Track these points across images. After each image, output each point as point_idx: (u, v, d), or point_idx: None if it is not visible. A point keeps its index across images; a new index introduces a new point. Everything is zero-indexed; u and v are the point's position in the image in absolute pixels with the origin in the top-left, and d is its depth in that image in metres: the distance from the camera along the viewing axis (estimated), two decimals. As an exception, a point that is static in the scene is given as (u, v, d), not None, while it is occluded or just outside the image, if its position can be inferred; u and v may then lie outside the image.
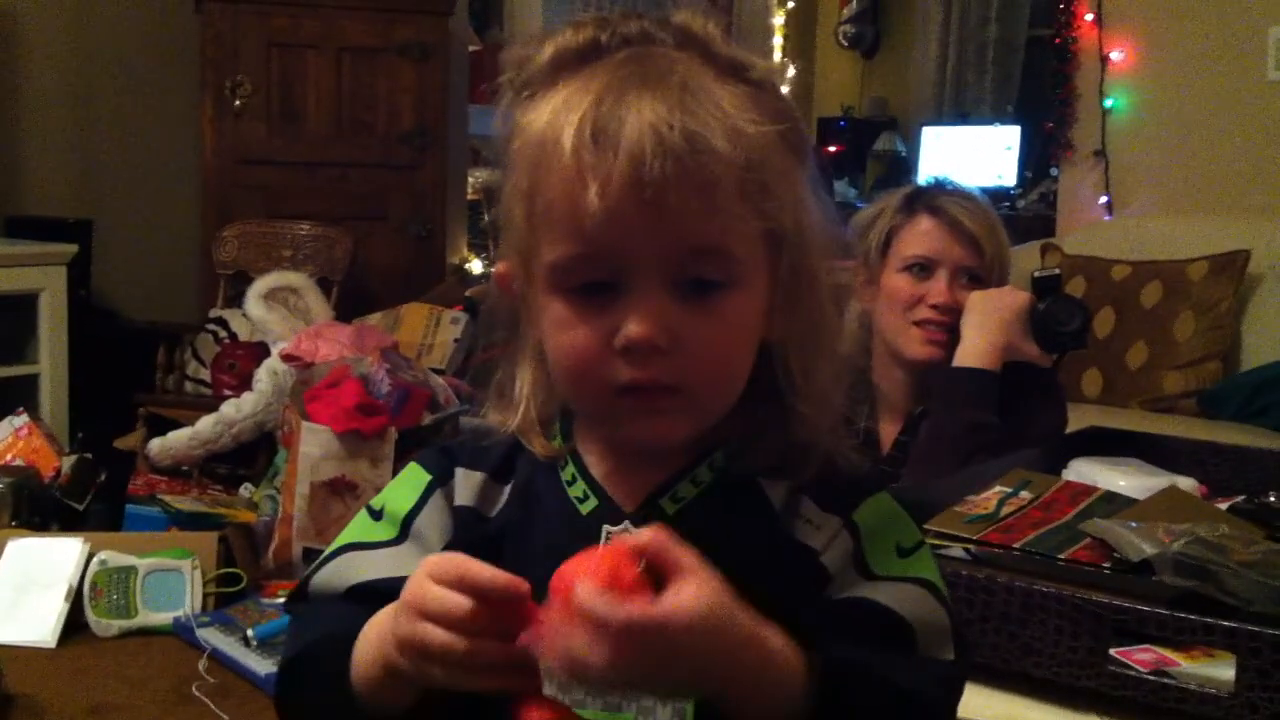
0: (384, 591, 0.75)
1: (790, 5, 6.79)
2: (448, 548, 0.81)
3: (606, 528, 0.77)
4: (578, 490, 0.79)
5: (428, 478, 0.84)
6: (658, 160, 0.67)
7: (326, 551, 0.85)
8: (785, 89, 0.82)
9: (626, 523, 0.77)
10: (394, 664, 0.71)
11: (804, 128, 0.78)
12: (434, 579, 0.68)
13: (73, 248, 3.72)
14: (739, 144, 0.70)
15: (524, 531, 0.80)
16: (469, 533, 0.81)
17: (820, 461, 0.78)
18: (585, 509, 0.79)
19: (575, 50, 0.73)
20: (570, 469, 0.80)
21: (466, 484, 0.83)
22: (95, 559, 2.23)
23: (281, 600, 2.20)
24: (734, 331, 0.74)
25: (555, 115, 0.71)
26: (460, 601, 0.67)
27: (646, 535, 0.65)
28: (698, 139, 0.68)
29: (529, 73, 0.75)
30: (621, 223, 0.69)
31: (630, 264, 0.71)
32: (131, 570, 2.22)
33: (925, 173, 6.08)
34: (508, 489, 0.82)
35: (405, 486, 0.84)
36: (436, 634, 0.67)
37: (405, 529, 0.82)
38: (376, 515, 0.84)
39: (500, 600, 0.67)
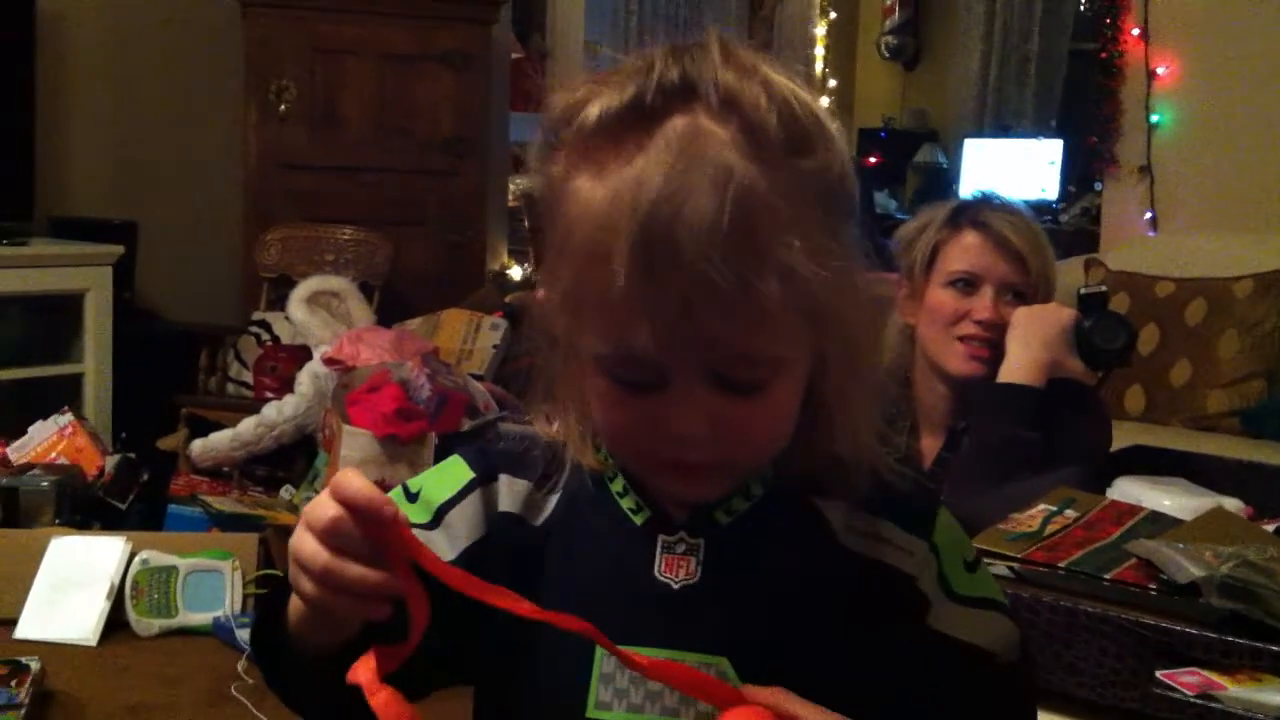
0: None
1: (832, 16, 6.78)
2: (475, 545, 0.81)
3: (662, 537, 0.78)
4: (629, 502, 0.80)
5: (470, 475, 0.84)
6: (711, 307, 0.68)
7: None
8: (826, 100, 0.80)
9: (682, 533, 0.78)
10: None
11: (851, 178, 0.76)
12: (325, 492, 0.70)
13: (118, 249, 3.76)
14: (793, 282, 0.69)
15: (571, 539, 0.81)
16: (509, 538, 0.81)
17: (864, 477, 0.78)
18: (639, 519, 0.79)
19: (618, 114, 0.71)
20: (620, 481, 0.80)
21: (510, 491, 0.83)
22: (137, 558, 2.25)
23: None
24: (779, 410, 0.75)
25: (606, 218, 0.70)
26: (331, 510, 0.67)
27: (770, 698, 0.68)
28: (751, 287, 0.68)
29: (574, 130, 0.73)
30: (667, 346, 0.70)
31: (673, 369, 0.71)
32: (172, 570, 2.24)
33: (966, 185, 6.05)
34: (555, 498, 0.83)
35: (446, 477, 0.84)
36: (307, 541, 0.69)
37: (439, 517, 0.82)
38: (412, 497, 0.84)
39: (367, 517, 0.67)
